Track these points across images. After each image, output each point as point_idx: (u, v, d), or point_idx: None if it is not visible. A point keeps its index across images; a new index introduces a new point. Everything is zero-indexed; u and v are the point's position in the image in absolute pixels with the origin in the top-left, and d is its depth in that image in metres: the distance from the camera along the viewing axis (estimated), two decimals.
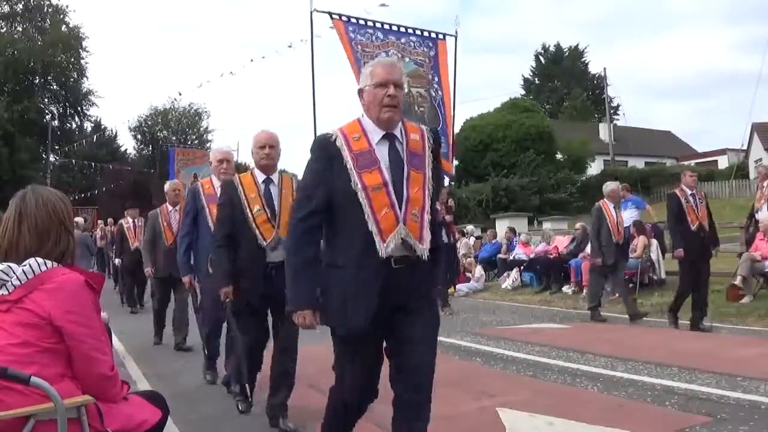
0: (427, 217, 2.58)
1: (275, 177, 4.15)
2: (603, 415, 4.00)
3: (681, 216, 7.46)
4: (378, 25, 12.83)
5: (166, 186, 7.44)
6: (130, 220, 10.89)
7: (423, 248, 2.53)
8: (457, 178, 16.22)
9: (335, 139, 2.60)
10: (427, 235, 2.56)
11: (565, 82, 49.37)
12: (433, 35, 13.68)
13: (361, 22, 12.60)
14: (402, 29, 13.40)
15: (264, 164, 4.10)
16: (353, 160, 2.54)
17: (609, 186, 9.05)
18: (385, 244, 2.47)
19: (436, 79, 13.59)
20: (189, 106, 44.17)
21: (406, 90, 11.86)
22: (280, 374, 4.04)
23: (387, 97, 2.56)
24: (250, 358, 4.16)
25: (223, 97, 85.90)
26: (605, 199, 8.72)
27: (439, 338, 2.74)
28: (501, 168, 26.15)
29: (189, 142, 44.98)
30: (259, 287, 3.90)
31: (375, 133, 2.61)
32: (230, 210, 4.02)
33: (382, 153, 2.58)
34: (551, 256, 12.28)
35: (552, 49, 51.31)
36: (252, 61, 25.25)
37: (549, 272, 12.06)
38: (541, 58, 51.27)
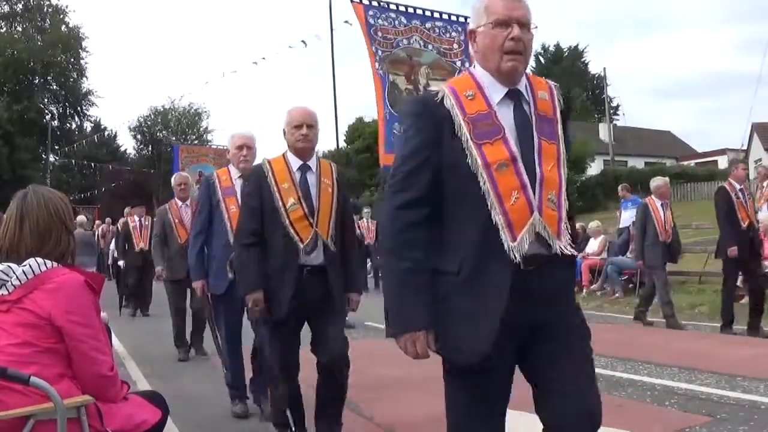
0: (565, 203, 1.94)
1: (313, 163, 3.44)
2: (603, 415, 3.99)
3: (731, 213, 7.07)
4: (402, 8, 11.69)
5: (172, 180, 6.90)
6: (137, 219, 10.27)
7: (561, 245, 1.89)
8: None
9: (442, 99, 1.92)
10: (565, 228, 1.93)
11: (565, 82, 49.32)
12: (462, 19, 12.21)
13: (383, 4, 11.51)
14: (428, 13, 12.11)
15: (301, 147, 3.39)
16: (469, 126, 1.87)
17: (656, 182, 8.22)
18: (516, 242, 1.82)
19: (467, 65, 11.96)
20: (189, 106, 44.19)
21: (423, 83, 10.90)
22: (330, 396, 3.47)
23: (510, 41, 1.89)
24: (286, 378, 3.45)
25: (224, 97, 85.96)
26: (652, 196, 8.05)
27: None
28: None
29: (189, 142, 44.98)
30: (293, 296, 3.25)
31: (495, 90, 1.93)
32: (258, 202, 3.35)
33: (506, 116, 1.90)
34: None
35: (552, 49, 51.32)
36: (256, 63, 25.27)
37: None
38: (541, 58, 51.25)
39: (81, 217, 12.43)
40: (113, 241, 14.40)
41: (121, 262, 11.03)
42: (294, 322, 3.38)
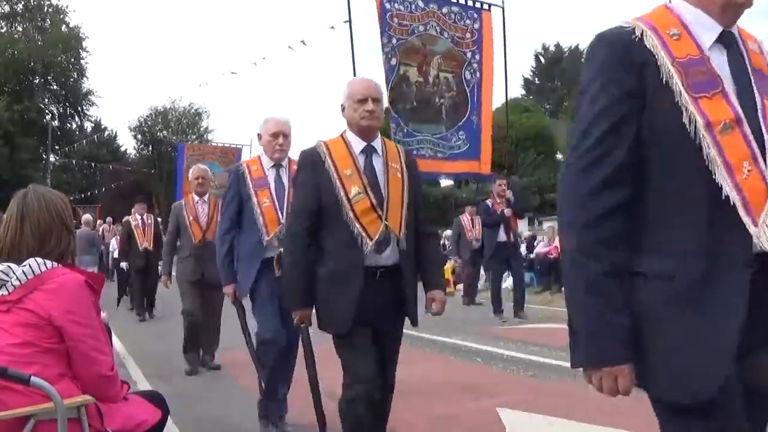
0: None
1: (378, 144, 2.87)
2: (603, 415, 4.00)
3: None
4: None
5: (190, 173, 6.39)
6: (138, 217, 9.81)
7: None
8: (455, 177, 15.17)
9: (642, 36, 1.45)
10: None
11: (565, 82, 49.38)
12: (478, 4, 11.20)
13: None
14: None
15: (366, 126, 2.82)
16: (680, 74, 1.40)
17: None
18: (757, 227, 1.34)
19: (477, 57, 10.89)
20: (189, 105, 44.22)
21: (434, 74, 9.98)
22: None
23: None
24: (371, 412, 2.69)
25: (224, 97, 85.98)
26: None
27: (439, 338, 2.62)
28: (501, 168, 26.23)
29: (189, 142, 45.00)
30: (357, 305, 2.68)
31: (705, 30, 1.47)
32: (315, 191, 2.77)
33: (720, 65, 1.45)
34: (552, 256, 12.28)
35: (552, 49, 51.36)
36: (255, 64, 25.28)
37: (550, 272, 12.06)
38: (541, 58, 51.31)
39: (86, 216, 12.41)
40: (113, 240, 14.03)
41: (123, 264, 10.38)
42: (368, 337, 2.75)
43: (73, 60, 42.00)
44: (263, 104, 79.01)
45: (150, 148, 44.90)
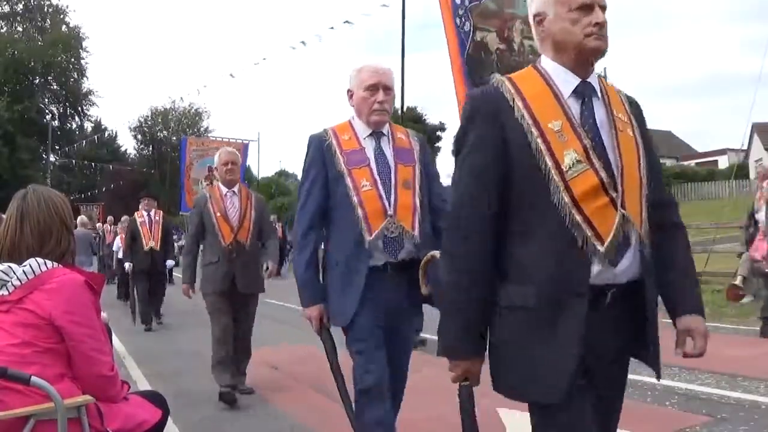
0: None
1: (595, 81, 1.82)
2: None
3: None
4: None
5: (216, 157, 5.12)
6: (145, 214, 8.95)
7: None
8: None
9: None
10: None
11: None
12: None
13: None
14: None
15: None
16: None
17: None
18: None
19: None
20: (189, 106, 44.25)
21: (518, 41, 8.50)
22: None
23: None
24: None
25: (224, 97, 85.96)
26: None
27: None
28: None
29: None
30: (583, 349, 1.79)
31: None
32: (499, 156, 1.69)
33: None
34: None
35: None
36: (257, 64, 25.29)
37: None
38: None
39: (82, 217, 12.39)
40: (117, 239, 13.18)
41: (127, 265, 9.36)
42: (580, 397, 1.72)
43: (73, 60, 42.05)
44: (263, 104, 78.97)
45: (150, 148, 44.95)
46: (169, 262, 9.71)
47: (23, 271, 2.06)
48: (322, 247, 2.81)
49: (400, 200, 2.67)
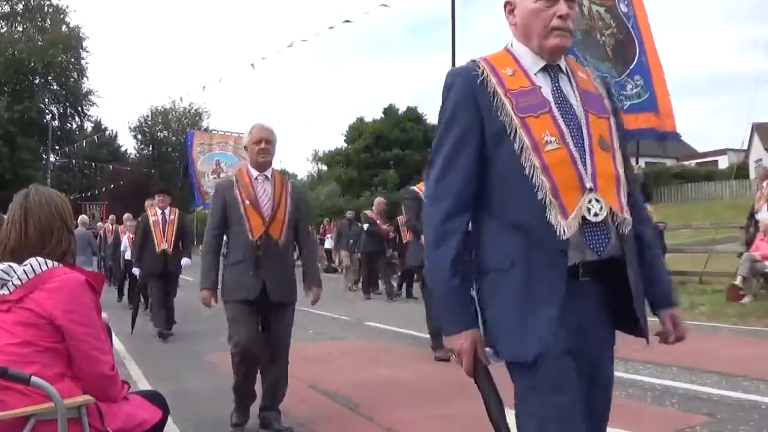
0: None
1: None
2: None
3: None
4: None
5: (246, 136, 4.10)
6: (159, 212, 7.99)
7: None
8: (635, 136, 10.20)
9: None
10: None
11: None
12: None
13: None
14: None
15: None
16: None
17: None
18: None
19: None
20: (189, 106, 44.26)
21: (587, 5, 7.89)
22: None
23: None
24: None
25: (224, 97, 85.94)
26: None
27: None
28: None
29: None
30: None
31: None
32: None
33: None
34: None
35: None
36: (253, 66, 25.22)
37: None
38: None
39: (83, 216, 12.36)
40: (125, 239, 11.69)
41: (136, 271, 8.49)
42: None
43: (73, 60, 42.07)
44: (263, 104, 78.97)
45: (150, 148, 44.96)
46: (185, 260, 8.38)
47: (24, 270, 2.06)
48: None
49: (599, 167, 1.75)
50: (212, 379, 5.55)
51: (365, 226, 12.92)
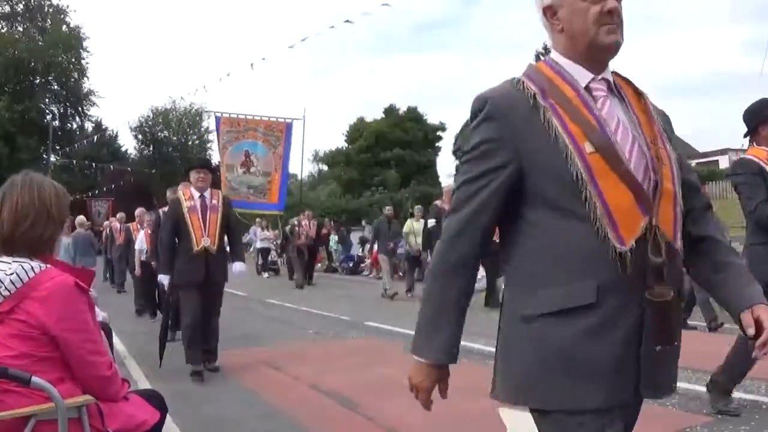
0: None
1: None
2: None
3: None
4: None
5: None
6: (196, 195, 5.64)
7: None
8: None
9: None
10: None
11: None
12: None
13: None
14: None
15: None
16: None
17: None
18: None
19: None
20: (190, 105, 44.22)
21: None
22: None
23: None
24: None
25: (224, 97, 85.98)
26: None
27: None
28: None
29: (190, 143, 45.03)
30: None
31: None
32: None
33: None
34: None
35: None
36: (252, 66, 25.15)
37: None
38: (542, 58, 51.33)
39: (80, 218, 12.21)
40: (141, 235, 9.97)
41: (164, 278, 5.73)
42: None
43: (73, 60, 42.05)
44: (263, 104, 78.94)
45: (151, 149, 44.93)
46: (238, 266, 6.08)
47: (11, 280, 2.00)
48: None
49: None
50: (212, 378, 5.55)
51: (431, 222, 10.64)
